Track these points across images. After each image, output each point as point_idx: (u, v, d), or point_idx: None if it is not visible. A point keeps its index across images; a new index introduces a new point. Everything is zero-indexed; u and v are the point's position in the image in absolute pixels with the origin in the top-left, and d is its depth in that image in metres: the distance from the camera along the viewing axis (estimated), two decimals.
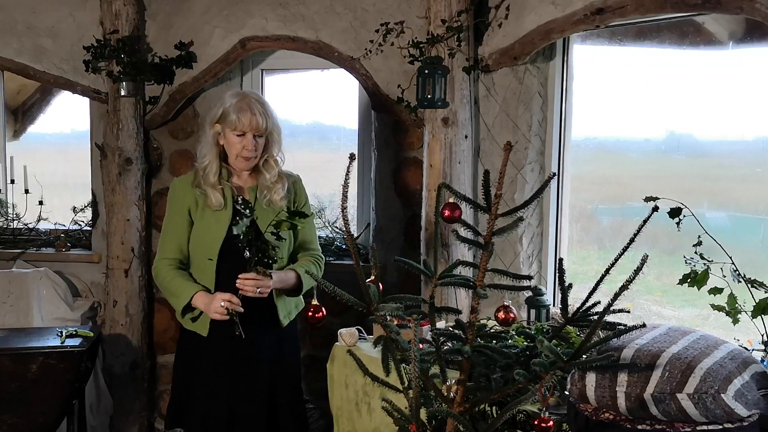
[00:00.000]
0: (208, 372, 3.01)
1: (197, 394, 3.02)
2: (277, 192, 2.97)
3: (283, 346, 3.10)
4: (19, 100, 4.77)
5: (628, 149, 3.65)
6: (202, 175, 2.96)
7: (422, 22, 3.62)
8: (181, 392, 3.09)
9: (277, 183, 2.98)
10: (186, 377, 3.07)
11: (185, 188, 2.99)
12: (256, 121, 2.89)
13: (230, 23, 3.99)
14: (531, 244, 3.66)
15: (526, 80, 3.54)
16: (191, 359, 3.05)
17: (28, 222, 4.55)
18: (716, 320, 2.99)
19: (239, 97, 2.96)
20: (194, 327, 2.98)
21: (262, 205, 2.95)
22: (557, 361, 1.82)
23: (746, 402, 1.92)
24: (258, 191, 2.98)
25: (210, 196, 2.93)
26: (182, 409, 3.06)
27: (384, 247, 3.98)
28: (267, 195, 2.97)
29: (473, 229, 2.02)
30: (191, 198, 2.97)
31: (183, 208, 2.97)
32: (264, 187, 2.98)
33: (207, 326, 2.96)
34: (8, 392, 3.51)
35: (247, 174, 3.02)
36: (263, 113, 2.92)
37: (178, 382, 3.13)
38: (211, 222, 2.96)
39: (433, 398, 2.06)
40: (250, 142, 2.91)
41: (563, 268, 2.11)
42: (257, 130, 2.91)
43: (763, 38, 2.93)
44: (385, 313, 2.01)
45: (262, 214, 2.92)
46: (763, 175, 3.05)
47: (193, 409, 3.02)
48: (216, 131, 2.95)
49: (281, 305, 3.01)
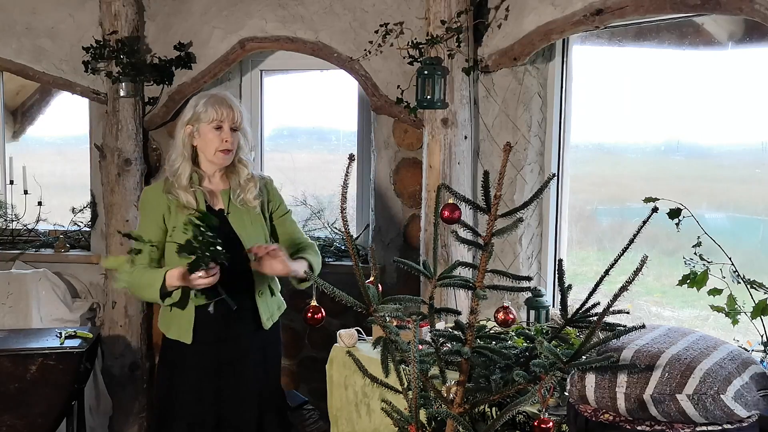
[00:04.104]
0: (194, 377, 2.95)
1: (183, 400, 2.96)
2: (250, 191, 2.94)
3: (267, 349, 3.06)
4: (18, 100, 4.77)
5: (627, 150, 3.65)
6: (173, 179, 2.91)
7: (422, 22, 3.62)
8: (166, 401, 3.02)
9: (250, 182, 2.95)
10: (171, 385, 3.00)
11: (157, 195, 2.93)
12: (232, 113, 2.88)
13: (229, 24, 3.99)
14: (530, 245, 3.65)
15: (525, 81, 3.54)
16: (175, 366, 2.99)
17: (27, 223, 4.55)
18: (716, 321, 2.99)
19: (210, 95, 2.95)
20: (178, 335, 2.92)
21: (236, 205, 2.94)
22: (557, 362, 1.82)
23: (746, 403, 1.92)
24: (231, 192, 2.95)
25: (182, 200, 2.87)
26: (168, 417, 3.00)
27: (383, 247, 3.98)
28: (240, 194, 2.94)
29: (473, 230, 2.02)
30: (164, 205, 2.90)
31: (157, 215, 2.91)
32: (237, 186, 2.94)
33: (190, 333, 2.90)
34: (7, 393, 3.51)
35: (219, 177, 2.97)
36: (237, 108, 2.91)
37: (163, 390, 3.05)
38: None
39: (433, 399, 2.06)
40: (228, 133, 2.87)
41: (563, 269, 2.11)
42: (233, 122, 2.88)
43: (762, 39, 2.93)
44: (384, 314, 2.00)
45: (237, 214, 2.93)
46: (762, 175, 3.05)
47: (179, 415, 2.97)
48: (187, 133, 2.90)
49: (263, 308, 2.97)
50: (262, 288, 2.96)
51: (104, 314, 4.24)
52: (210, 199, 2.94)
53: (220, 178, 2.98)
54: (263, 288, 2.97)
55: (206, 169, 2.96)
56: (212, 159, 2.92)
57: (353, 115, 4.26)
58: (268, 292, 3.00)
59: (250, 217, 2.95)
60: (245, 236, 2.91)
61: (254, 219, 2.96)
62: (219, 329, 2.91)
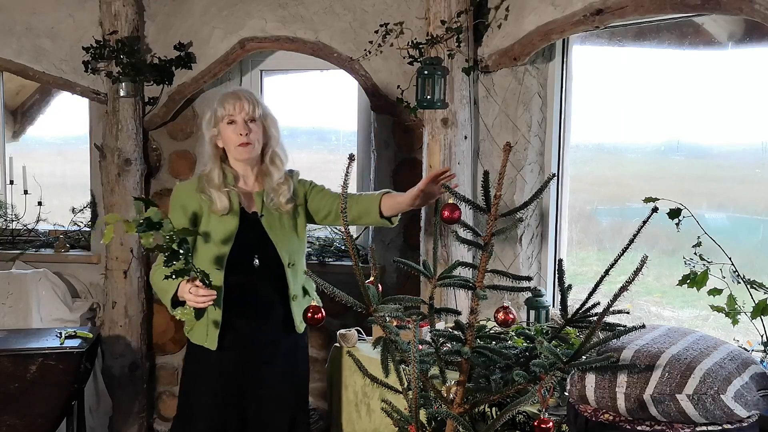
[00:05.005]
0: (217, 383, 2.89)
1: (203, 403, 2.91)
2: (283, 194, 2.90)
3: (298, 354, 3.02)
4: (18, 100, 4.77)
5: (627, 150, 3.65)
6: (206, 180, 2.87)
7: (422, 22, 3.62)
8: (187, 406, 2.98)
9: (282, 185, 2.90)
10: (193, 389, 2.96)
11: (189, 193, 2.89)
12: (243, 105, 2.82)
13: (229, 24, 3.99)
14: (530, 245, 3.65)
15: (525, 81, 3.54)
16: (199, 371, 2.94)
17: (27, 223, 4.55)
18: (716, 321, 2.99)
19: (223, 93, 2.94)
20: (202, 341, 2.87)
21: (270, 210, 2.90)
22: (557, 362, 1.83)
23: (746, 403, 1.92)
24: (264, 195, 2.91)
25: (215, 200, 2.83)
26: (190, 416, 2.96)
27: (383, 248, 3.98)
28: (273, 198, 2.90)
29: (473, 230, 2.02)
30: (196, 203, 2.86)
31: (187, 211, 2.86)
32: (270, 189, 2.90)
33: (215, 341, 2.84)
34: (7, 393, 3.51)
35: (254, 178, 2.92)
36: (250, 99, 2.86)
37: (185, 396, 3.00)
38: (218, 228, 2.85)
39: (433, 399, 2.06)
40: (242, 126, 2.81)
41: (563, 269, 2.11)
42: (246, 114, 2.82)
43: (762, 39, 2.93)
44: (384, 314, 2.00)
45: (270, 217, 2.89)
46: (762, 175, 3.05)
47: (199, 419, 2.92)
48: (212, 135, 2.88)
49: (297, 311, 2.91)
50: (296, 292, 2.92)
51: (104, 314, 4.24)
52: (245, 202, 2.90)
53: (255, 180, 2.93)
54: (297, 292, 2.93)
55: (237, 168, 2.91)
56: (235, 155, 2.87)
57: (353, 115, 4.26)
58: (301, 294, 2.95)
59: (283, 220, 2.92)
60: (277, 240, 2.87)
61: (288, 222, 2.93)
62: (248, 334, 2.88)
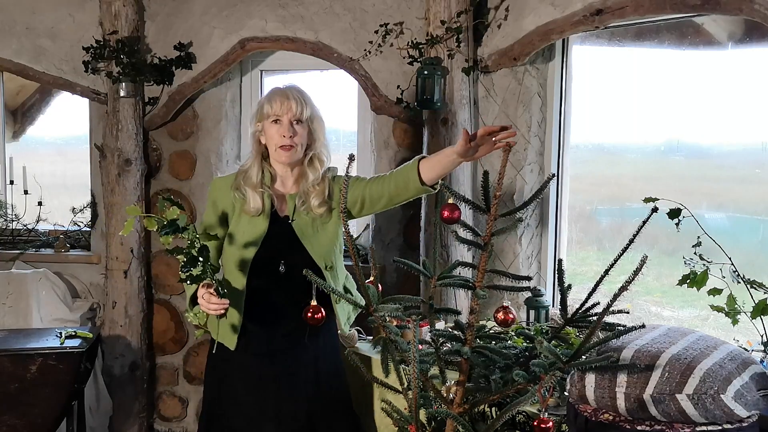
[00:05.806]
0: (236, 388, 2.78)
1: (224, 407, 2.82)
2: (316, 197, 2.71)
3: (338, 358, 2.90)
4: (18, 100, 4.77)
5: (627, 150, 3.65)
6: (243, 177, 2.74)
7: (421, 23, 3.62)
8: (210, 405, 2.88)
9: (316, 187, 2.72)
10: (214, 390, 2.86)
11: (224, 190, 2.77)
12: (290, 105, 2.66)
13: (229, 24, 3.99)
14: (530, 244, 3.65)
15: (525, 81, 3.54)
16: (219, 371, 2.84)
17: (27, 223, 4.55)
18: (715, 321, 2.99)
19: (273, 88, 2.78)
20: (221, 338, 2.76)
21: (301, 213, 2.73)
22: (556, 361, 1.83)
23: (746, 403, 1.92)
24: (297, 198, 2.74)
25: (249, 200, 2.70)
26: (213, 420, 2.87)
27: (383, 247, 3.98)
28: (304, 201, 2.72)
29: (472, 230, 2.02)
30: (229, 200, 2.74)
31: (218, 208, 2.77)
32: (303, 192, 2.73)
33: (234, 340, 2.72)
34: (7, 393, 3.51)
35: (293, 179, 2.76)
36: (298, 98, 2.69)
37: (208, 394, 2.91)
38: (246, 230, 2.72)
39: (433, 399, 2.07)
40: (286, 128, 2.65)
41: (562, 269, 2.11)
42: (293, 115, 2.66)
43: (762, 39, 2.93)
44: (384, 314, 2.01)
45: (301, 221, 2.73)
46: (762, 175, 3.05)
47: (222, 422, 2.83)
48: (256, 130, 2.75)
49: (341, 312, 2.79)
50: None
51: (104, 314, 4.24)
52: (278, 204, 2.75)
53: (294, 182, 2.77)
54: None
55: (277, 169, 2.76)
56: (275, 156, 2.72)
57: (353, 115, 4.26)
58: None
59: (316, 224, 2.73)
60: (309, 245, 2.70)
61: (322, 226, 2.74)
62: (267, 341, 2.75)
